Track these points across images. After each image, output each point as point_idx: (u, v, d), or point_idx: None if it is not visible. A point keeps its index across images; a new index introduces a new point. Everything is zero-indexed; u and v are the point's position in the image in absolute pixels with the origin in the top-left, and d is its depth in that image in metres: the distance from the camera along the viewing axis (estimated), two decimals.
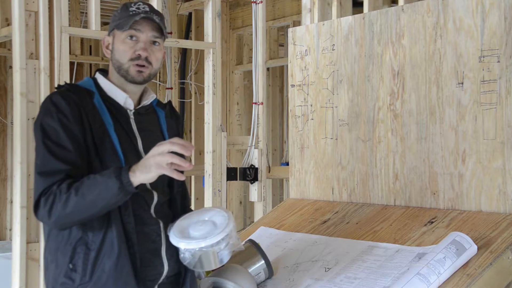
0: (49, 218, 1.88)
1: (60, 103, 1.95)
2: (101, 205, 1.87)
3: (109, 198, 1.85)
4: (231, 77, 5.88)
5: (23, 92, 3.31)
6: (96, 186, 1.85)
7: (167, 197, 2.12)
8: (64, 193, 1.86)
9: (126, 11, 2.05)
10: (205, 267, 2.01)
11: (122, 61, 2.04)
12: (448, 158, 2.43)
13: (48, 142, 1.92)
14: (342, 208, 2.72)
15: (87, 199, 1.85)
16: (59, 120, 1.93)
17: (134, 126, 2.07)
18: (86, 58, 6.45)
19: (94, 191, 1.85)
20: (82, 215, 1.89)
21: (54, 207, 1.86)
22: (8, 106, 6.84)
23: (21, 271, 3.28)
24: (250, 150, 4.26)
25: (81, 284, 1.92)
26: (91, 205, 1.86)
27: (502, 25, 2.29)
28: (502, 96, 2.29)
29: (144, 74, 2.05)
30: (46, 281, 2.02)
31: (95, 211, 1.89)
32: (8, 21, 3.70)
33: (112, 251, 1.92)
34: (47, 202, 1.87)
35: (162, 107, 2.20)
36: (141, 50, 2.03)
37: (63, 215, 1.86)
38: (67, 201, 1.85)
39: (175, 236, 1.98)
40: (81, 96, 2.00)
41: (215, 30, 4.00)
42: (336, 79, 2.83)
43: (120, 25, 2.03)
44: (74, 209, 1.85)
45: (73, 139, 1.93)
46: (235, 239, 2.00)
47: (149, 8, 2.06)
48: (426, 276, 1.96)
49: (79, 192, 1.85)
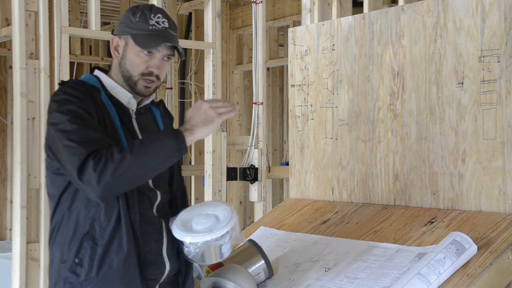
0: (98, 182, 1.82)
1: (72, 93, 1.93)
2: (155, 163, 1.88)
3: (164, 156, 1.88)
4: (231, 77, 5.88)
5: (23, 92, 3.31)
6: (152, 144, 1.86)
7: (168, 197, 2.13)
8: (117, 154, 1.82)
9: (145, 22, 2.01)
10: (207, 261, 2.01)
11: (133, 73, 2.03)
12: (448, 158, 2.43)
13: (77, 120, 1.88)
14: (342, 208, 2.72)
15: (143, 157, 1.84)
16: (77, 105, 1.90)
17: (135, 125, 2.07)
18: (86, 58, 6.45)
19: (150, 148, 1.85)
20: (135, 177, 1.88)
21: (106, 169, 1.81)
22: (8, 106, 6.85)
23: (21, 271, 3.29)
24: (250, 150, 4.27)
25: (87, 279, 1.91)
26: (147, 163, 1.86)
27: (502, 25, 2.29)
28: (502, 96, 2.29)
29: (151, 90, 2.07)
30: (50, 276, 2.01)
31: (148, 170, 1.90)
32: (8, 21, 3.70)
33: (121, 248, 1.92)
34: (98, 164, 1.81)
35: (157, 106, 2.21)
36: (154, 68, 2.02)
37: (116, 176, 1.82)
38: (122, 161, 1.82)
39: (178, 230, 1.98)
40: (90, 91, 1.99)
41: (215, 30, 4.00)
42: (336, 79, 2.83)
43: (139, 40, 2.00)
44: (129, 167, 1.83)
45: (96, 120, 1.92)
46: (238, 232, 2.01)
47: (168, 23, 2.03)
48: (426, 276, 1.96)
49: (134, 151, 1.84)
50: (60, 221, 1.98)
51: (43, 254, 3.30)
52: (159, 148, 1.86)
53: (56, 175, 1.98)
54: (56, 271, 1.97)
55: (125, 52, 2.04)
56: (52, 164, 1.98)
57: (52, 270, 2.00)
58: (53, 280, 1.98)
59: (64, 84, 2.00)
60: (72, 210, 1.95)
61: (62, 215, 1.97)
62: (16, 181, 3.31)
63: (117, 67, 2.06)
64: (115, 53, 2.07)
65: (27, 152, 3.31)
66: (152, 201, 2.05)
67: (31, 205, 3.35)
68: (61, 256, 1.95)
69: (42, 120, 3.33)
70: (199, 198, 5.43)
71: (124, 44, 2.04)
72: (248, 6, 5.21)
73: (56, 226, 1.99)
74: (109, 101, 2.02)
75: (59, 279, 1.95)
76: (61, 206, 1.98)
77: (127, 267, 1.92)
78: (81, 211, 1.94)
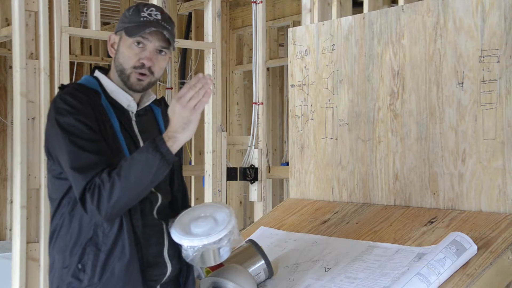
0: (99, 213, 1.85)
1: (72, 102, 1.92)
2: (146, 182, 1.86)
3: (153, 172, 1.84)
4: (231, 77, 5.88)
5: (23, 92, 3.31)
6: (137, 164, 1.83)
7: (169, 199, 2.13)
8: (107, 182, 1.83)
9: (137, 15, 2.00)
10: (206, 263, 2.02)
11: (125, 66, 2.01)
12: (448, 158, 2.43)
13: (73, 138, 1.88)
14: (342, 208, 2.72)
15: (131, 180, 1.83)
16: (75, 118, 1.90)
17: (135, 128, 2.06)
18: (86, 58, 6.45)
19: (136, 170, 1.83)
20: (131, 198, 1.87)
21: (102, 200, 1.83)
22: (8, 106, 6.85)
23: (21, 271, 3.29)
24: (250, 150, 4.27)
25: (89, 285, 1.91)
26: (137, 185, 1.85)
27: (502, 25, 2.29)
28: (502, 96, 2.29)
29: (144, 83, 2.03)
30: (50, 280, 2.01)
31: (142, 190, 1.88)
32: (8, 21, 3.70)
33: (123, 255, 1.91)
34: (93, 197, 1.84)
35: (158, 104, 2.18)
36: (145, 59, 2.00)
37: (112, 204, 1.83)
38: (113, 189, 1.82)
39: (177, 233, 1.98)
40: (90, 96, 1.98)
41: (215, 30, 4.00)
42: (336, 79, 2.83)
43: (129, 30, 1.99)
44: (121, 194, 1.83)
45: (94, 131, 1.91)
46: (237, 235, 2.01)
47: (161, 16, 2.01)
48: (426, 276, 1.96)
49: (121, 176, 1.83)
50: (60, 225, 1.97)
51: (43, 254, 3.30)
52: (145, 166, 1.83)
53: (56, 179, 1.97)
54: (58, 276, 1.96)
55: (119, 47, 2.03)
56: (52, 168, 1.97)
57: (53, 275, 2.00)
58: (55, 285, 1.98)
59: (64, 89, 1.98)
60: (74, 214, 1.94)
61: (63, 219, 1.96)
62: (16, 181, 3.31)
63: (114, 65, 2.06)
64: (112, 50, 2.07)
65: (27, 152, 3.30)
66: (153, 204, 2.04)
67: (31, 205, 3.35)
68: (62, 261, 1.95)
69: (42, 120, 3.33)
70: (199, 198, 5.43)
71: (119, 39, 2.04)
72: (248, 6, 5.21)
73: (56, 229, 1.98)
74: (109, 105, 2.00)
75: (62, 284, 1.95)
76: (61, 210, 1.97)
77: (130, 273, 1.92)
78: (83, 216, 1.93)
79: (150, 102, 2.13)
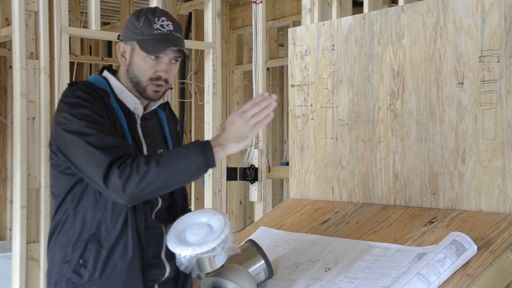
0: (123, 190, 1.82)
1: (84, 97, 1.92)
2: (182, 178, 1.86)
3: (192, 172, 1.84)
4: (231, 77, 5.88)
5: (23, 92, 3.31)
6: (180, 159, 1.83)
7: (168, 203, 2.13)
8: (143, 165, 1.82)
9: (149, 27, 1.98)
10: (202, 270, 2.02)
11: (141, 79, 2.01)
12: (448, 158, 2.43)
13: (92, 125, 1.87)
14: (342, 208, 2.72)
15: (169, 171, 1.83)
16: (90, 110, 1.89)
17: (140, 131, 2.07)
18: (86, 58, 6.45)
19: (177, 164, 1.83)
20: (160, 188, 1.88)
21: (131, 179, 1.81)
22: (8, 106, 6.85)
23: (21, 271, 3.29)
24: (250, 150, 4.27)
25: (89, 281, 1.91)
26: (172, 178, 1.85)
27: (502, 25, 2.29)
28: (502, 96, 2.29)
29: (160, 93, 2.05)
30: (48, 275, 2.00)
31: (174, 184, 1.89)
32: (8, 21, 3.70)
33: (125, 253, 1.91)
34: (123, 174, 1.81)
35: (163, 108, 2.20)
36: (162, 72, 2.00)
37: (141, 187, 1.82)
38: (147, 173, 1.81)
39: (171, 242, 1.98)
40: (100, 94, 1.98)
41: (215, 30, 4.00)
42: (336, 79, 2.83)
43: (144, 46, 1.98)
44: (153, 180, 1.82)
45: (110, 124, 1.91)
46: (231, 243, 2.00)
47: (172, 26, 2.01)
48: (426, 276, 1.96)
49: (160, 164, 1.82)
50: (64, 220, 1.97)
51: (43, 254, 3.30)
52: (187, 163, 1.83)
53: (62, 174, 1.96)
54: (58, 271, 1.96)
55: (132, 58, 2.02)
56: (59, 163, 1.96)
57: (51, 269, 1.99)
58: (54, 279, 1.97)
59: (73, 86, 1.97)
60: (78, 211, 1.94)
61: (67, 215, 1.96)
62: (16, 181, 3.31)
63: (125, 73, 2.05)
64: (122, 59, 2.05)
65: (27, 152, 3.30)
66: (153, 207, 2.05)
67: (31, 205, 3.35)
68: (64, 255, 1.95)
69: (42, 120, 3.33)
70: (199, 198, 5.43)
71: (131, 50, 2.02)
72: (248, 6, 5.21)
73: (59, 225, 1.98)
74: (117, 105, 2.01)
75: (62, 278, 1.94)
76: (65, 206, 1.97)
77: (131, 272, 1.92)
78: (87, 212, 1.93)
79: (156, 106, 2.14)
